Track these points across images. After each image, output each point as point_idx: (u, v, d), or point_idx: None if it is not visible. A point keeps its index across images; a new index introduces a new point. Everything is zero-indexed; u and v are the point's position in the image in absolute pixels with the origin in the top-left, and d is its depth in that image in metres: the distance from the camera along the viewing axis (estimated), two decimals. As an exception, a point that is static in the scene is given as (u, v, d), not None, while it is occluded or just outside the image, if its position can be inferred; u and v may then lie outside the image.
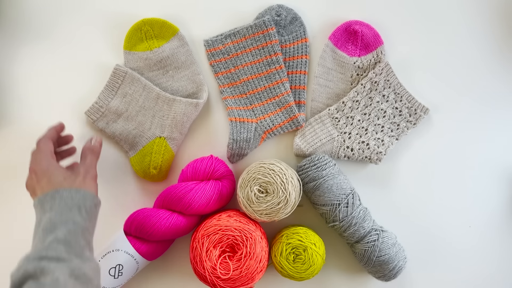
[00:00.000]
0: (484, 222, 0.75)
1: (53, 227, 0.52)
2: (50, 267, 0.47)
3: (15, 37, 0.74)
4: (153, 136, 0.71)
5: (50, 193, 0.54)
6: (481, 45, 0.75)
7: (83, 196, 0.56)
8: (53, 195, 0.54)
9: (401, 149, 0.74)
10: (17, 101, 0.74)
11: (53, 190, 0.55)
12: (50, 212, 0.53)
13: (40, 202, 0.55)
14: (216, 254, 0.63)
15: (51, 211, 0.53)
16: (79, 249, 0.52)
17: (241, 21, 0.74)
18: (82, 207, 0.55)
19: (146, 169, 0.70)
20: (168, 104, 0.70)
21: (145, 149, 0.71)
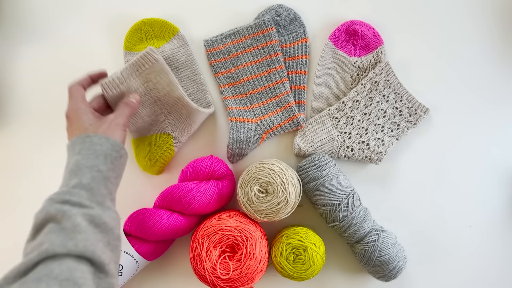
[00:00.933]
0: (485, 222, 0.74)
1: (78, 170, 0.52)
2: (72, 212, 0.47)
3: (15, 37, 0.74)
4: (163, 131, 0.71)
5: (81, 136, 0.55)
6: (482, 45, 0.75)
7: (112, 145, 0.55)
8: (84, 139, 0.54)
9: (401, 149, 0.74)
10: (17, 101, 0.74)
11: (85, 135, 0.55)
12: (78, 155, 0.53)
13: (71, 144, 0.55)
14: (216, 254, 0.63)
15: (78, 154, 0.53)
16: (100, 197, 0.52)
17: (241, 21, 0.74)
18: (108, 156, 0.55)
19: (142, 157, 0.71)
20: (187, 110, 0.69)
21: (149, 138, 0.71)
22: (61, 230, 0.46)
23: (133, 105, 0.63)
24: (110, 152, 0.55)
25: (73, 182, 0.51)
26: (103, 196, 0.52)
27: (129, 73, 0.65)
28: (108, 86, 0.65)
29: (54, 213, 0.47)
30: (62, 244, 0.44)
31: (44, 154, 0.73)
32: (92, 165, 0.53)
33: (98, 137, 0.55)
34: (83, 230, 0.46)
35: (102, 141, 0.55)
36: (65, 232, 0.45)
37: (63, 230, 0.46)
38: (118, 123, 0.59)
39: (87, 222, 0.48)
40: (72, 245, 0.44)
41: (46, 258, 0.43)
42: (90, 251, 0.45)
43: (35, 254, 0.43)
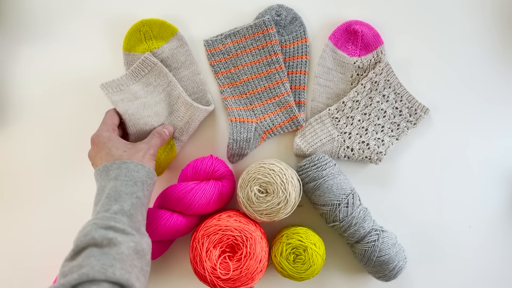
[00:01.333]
0: (484, 222, 0.74)
1: (118, 196, 0.53)
2: (118, 240, 0.49)
3: (15, 37, 0.74)
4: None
5: (117, 162, 0.56)
6: (481, 45, 0.75)
7: (147, 172, 0.57)
8: (120, 165, 0.56)
9: (401, 149, 0.74)
10: (17, 101, 0.74)
11: (121, 161, 0.56)
12: (115, 181, 0.54)
13: (105, 169, 0.56)
14: (216, 254, 0.63)
15: (116, 180, 0.55)
16: (138, 223, 0.54)
17: (241, 21, 0.74)
18: (145, 183, 0.57)
19: None
20: (185, 107, 0.70)
21: None
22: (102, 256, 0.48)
23: (165, 136, 0.66)
24: (146, 179, 0.57)
25: (115, 208, 0.52)
26: (139, 222, 0.54)
27: (129, 79, 0.69)
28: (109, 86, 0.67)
29: (99, 239, 0.49)
30: (102, 271, 0.46)
31: (44, 154, 0.73)
32: (132, 192, 0.54)
33: (135, 164, 0.57)
34: (124, 259, 0.49)
35: (139, 168, 0.57)
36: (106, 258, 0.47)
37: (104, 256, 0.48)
38: (151, 153, 0.61)
39: (131, 250, 0.50)
40: (111, 272, 0.46)
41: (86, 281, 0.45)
42: (125, 279, 0.47)
43: (75, 276, 0.45)
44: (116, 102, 0.68)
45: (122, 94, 0.69)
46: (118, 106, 0.68)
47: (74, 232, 0.73)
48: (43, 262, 0.72)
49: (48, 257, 0.72)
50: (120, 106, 0.68)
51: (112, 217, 0.51)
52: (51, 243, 0.72)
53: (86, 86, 0.74)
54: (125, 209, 0.53)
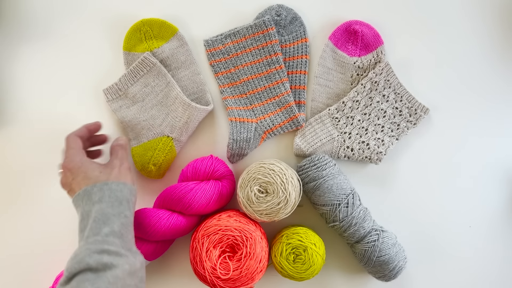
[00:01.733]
0: (484, 222, 0.74)
1: (106, 218, 0.52)
2: (113, 263, 0.49)
3: (15, 37, 0.74)
4: (161, 134, 0.71)
5: (97, 185, 0.55)
6: (481, 45, 0.75)
7: (130, 190, 0.57)
8: (101, 187, 0.55)
9: (401, 149, 0.74)
10: (17, 101, 0.74)
11: (102, 183, 0.55)
12: (100, 204, 0.53)
13: (86, 193, 0.55)
14: (216, 254, 0.63)
15: (100, 202, 0.53)
16: (129, 243, 0.53)
17: (241, 21, 0.74)
18: (130, 200, 0.56)
19: (145, 164, 0.70)
20: (183, 107, 0.70)
21: (149, 143, 0.71)
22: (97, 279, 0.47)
23: (126, 146, 0.64)
24: (130, 197, 0.56)
25: (105, 230, 0.52)
26: (130, 241, 0.54)
27: (127, 80, 0.70)
28: (109, 91, 0.71)
29: (94, 264, 0.48)
30: None
31: (43, 154, 0.73)
32: (119, 212, 0.54)
33: (116, 183, 0.56)
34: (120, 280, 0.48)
35: (121, 187, 0.56)
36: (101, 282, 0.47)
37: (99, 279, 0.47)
38: (125, 167, 0.60)
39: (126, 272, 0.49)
40: None
41: None
42: None
43: None
44: (115, 110, 0.72)
45: (121, 101, 0.72)
46: (117, 113, 0.72)
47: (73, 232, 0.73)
48: (43, 262, 0.72)
49: (48, 257, 0.72)
50: (119, 113, 0.72)
51: (104, 240, 0.51)
52: (51, 243, 0.72)
53: (86, 86, 0.74)
54: (116, 230, 0.52)
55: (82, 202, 0.55)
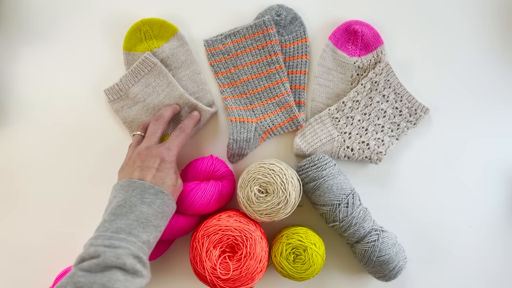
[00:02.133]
0: (484, 222, 0.74)
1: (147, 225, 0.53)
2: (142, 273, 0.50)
3: (15, 37, 0.74)
4: (164, 134, 0.71)
5: (157, 188, 0.55)
6: (481, 44, 0.75)
7: (173, 209, 0.59)
8: (158, 193, 0.55)
9: (401, 149, 0.74)
10: (17, 101, 0.74)
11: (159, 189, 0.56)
12: (149, 208, 0.54)
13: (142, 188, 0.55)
14: (216, 254, 0.63)
15: (149, 207, 0.54)
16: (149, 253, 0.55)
17: (241, 21, 0.74)
18: (168, 218, 0.58)
19: None
20: (189, 107, 0.70)
21: None
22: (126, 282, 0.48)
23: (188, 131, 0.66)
24: (170, 215, 0.58)
25: (144, 237, 0.53)
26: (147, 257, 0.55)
27: (128, 80, 0.70)
28: (110, 92, 0.71)
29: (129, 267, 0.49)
30: None
31: (44, 154, 0.73)
32: (159, 225, 0.55)
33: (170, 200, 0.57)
34: None
35: (170, 204, 0.57)
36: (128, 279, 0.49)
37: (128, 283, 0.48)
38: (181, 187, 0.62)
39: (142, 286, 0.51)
40: None
41: None
42: None
43: None
44: (117, 111, 0.72)
45: (122, 101, 0.72)
46: (119, 114, 0.72)
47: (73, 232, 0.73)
48: (43, 262, 0.72)
49: (47, 257, 0.72)
50: (121, 114, 0.72)
51: (141, 247, 0.52)
52: (51, 243, 0.72)
53: (86, 86, 0.74)
54: (151, 241, 0.53)
55: (132, 191, 0.55)
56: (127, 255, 0.49)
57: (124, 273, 0.48)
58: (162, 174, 0.58)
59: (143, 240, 0.52)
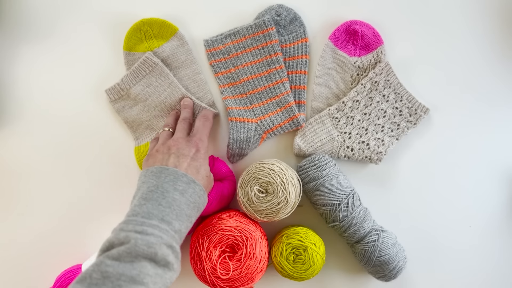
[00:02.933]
0: (484, 222, 0.74)
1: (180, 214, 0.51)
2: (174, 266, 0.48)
3: (15, 37, 0.74)
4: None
5: (189, 178, 0.54)
6: (481, 45, 0.75)
7: (205, 202, 0.57)
8: (190, 183, 0.54)
9: (401, 149, 0.74)
10: (17, 101, 0.74)
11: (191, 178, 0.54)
12: (181, 197, 0.52)
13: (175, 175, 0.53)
14: (216, 254, 0.63)
15: (182, 195, 0.52)
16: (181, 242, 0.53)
17: (241, 21, 0.74)
18: (200, 210, 0.56)
19: None
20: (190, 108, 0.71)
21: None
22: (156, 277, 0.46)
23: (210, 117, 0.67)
24: (202, 207, 0.56)
25: (176, 226, 0.51)
26: None
27: (129, 80, 0.70)
28: (111, 91, 0.71)
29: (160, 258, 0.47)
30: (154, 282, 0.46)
31: (44, 155, 0.73)
32: (190, 215, 0.53)
33: (202, 191, 0.55)
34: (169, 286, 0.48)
35: (202, 195, 0.56)
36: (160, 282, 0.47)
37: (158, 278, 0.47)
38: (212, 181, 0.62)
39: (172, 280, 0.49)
40: None
41: None
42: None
43: None
44: (118, 111, 0.72)
45: (124, 101, 0.72)
46: (120, 114, 0.71)
47: (73, 231, 0.73)
48: (42, 262, 0.72)
49: (47, 257, 0.72)
50: (122, 114, 0.72)
51: (173, 236, 0.50)
52: (51, 243, 0.72)
53: (87, 86, 0.74)
54: (182, 231, 0.52)
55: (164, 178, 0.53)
56: (159, 244, 0.47)
57: (154, 266, 0.46)
58: (197, 164, 0.57)
59: (175, 228, 0.50)
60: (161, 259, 0.47)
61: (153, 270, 0.46)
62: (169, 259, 0.47)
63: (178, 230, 0.51)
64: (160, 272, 0.47)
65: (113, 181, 0.73)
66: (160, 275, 0.47)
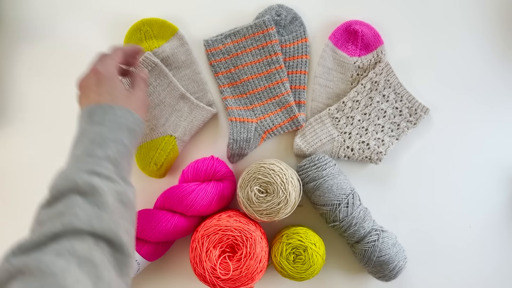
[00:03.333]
0: (484, 222, 0.74)
1: (103, 142, 0.49)
2: (102, 188, 0.44)
3: (15, 37, 0.74)
4: (164, 133, 0.71)
5: (103, 106, 0.51)
6: (481, 45, 0.75)
7: (136, 120, 0.53)
8: (106, 109, 0.51)
9: (401, 149, 0.74)
10: (17, 101, 0.74)
11: (107, 105, 0.51)
12: (100, 126, 0.50)
13: (89, 112, 0.51)
14: (216, 254, 0.63)
15: (100, 125, 0.50)
16: (124, 172, 0.50)
17: (241, 21, 0.74)
18: (132, 131, 0.52)
19: (147, 163, 0.70)
20: (190, 107, 0.71)
21: (152, 143, 0.71)
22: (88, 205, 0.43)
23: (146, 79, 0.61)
24: (134, 127, 0.53)
25: (99, 153, 0.48)
26: (125, 171, 0.50)
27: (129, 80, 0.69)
28: None
29: (82, 185, 0.44)
30: (88, 222, 0.42)
31: (44, 154, 0.73)
32: (117, 139, 0.50)
33: (123, 111, 0.52)
34: (111, 209, 0.44)
35: (127, 115, 0.52)
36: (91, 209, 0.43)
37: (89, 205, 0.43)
38: (146, 105, 0.58)
39: (115, 200, 0.45)
40: (98, 224, 0.42)
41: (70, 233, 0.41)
42: (114, 232, 0.43)
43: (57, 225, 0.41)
44: None
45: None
46: None
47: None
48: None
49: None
50: None
51: (96, 162, 0.47)
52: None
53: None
54: (111, 155, 0.48)
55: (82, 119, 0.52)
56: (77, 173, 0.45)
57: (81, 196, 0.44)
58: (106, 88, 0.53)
59: (99, 156, 0.47)
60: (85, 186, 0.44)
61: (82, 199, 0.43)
62: (94, 183, 0.44)
63: (105, 156, 0.48)
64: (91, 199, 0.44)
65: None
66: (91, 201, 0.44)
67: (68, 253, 0.39)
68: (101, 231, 0.42)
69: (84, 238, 0.41)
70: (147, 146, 0.71)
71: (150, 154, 0.70)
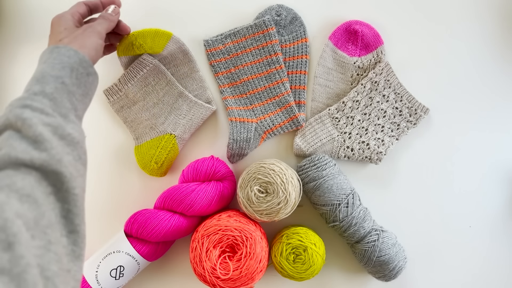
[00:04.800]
0: (485, 222, 0.74)
1: (41, 78, 0.48)
2: (33, 120, 0.42)
3: (15, 37, 0.74)
4: (164, 132, 0.71)
5: (50, 47, 0.52)
6: (482, 45, 0.75)
7: (80, 59, 0.51)
8: (52, 49, 0.51)
9: (401, 149, 0.74)
10: (17, 101, 0.73)
11: (54, 46, 0.52)
12: (43, 64, 0.50)
13: (41, 55, 0.53)
14: (216, 254, 0.63)
15: (44, 63, 0.50)
16: (64, 109, 0.47)
17: (241, 21, 0.74)
18: (75, 70, 0.50)
19: (147, 162, 0.70)
20: (188, 105, 0.70)
21: (152, 142, 0.71)
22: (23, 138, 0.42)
23: (112, 18, 0.60)
24: (77, 67, 0.51)
25: (35, 88, 0.46)
26: (67, 109, 0.48)
27: (126, 80, 0.70)
28: (109, 92, 0.71)
29: (13, 120, 0.42)
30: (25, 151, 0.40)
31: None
32: (57, 76, 0.48)
33: (67, 49, 0.51)
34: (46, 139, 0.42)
35: (71, 54, 0.51)
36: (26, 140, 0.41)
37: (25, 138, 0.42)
38: (94, 29, 0.56)
39: (50, 132, 0.43)
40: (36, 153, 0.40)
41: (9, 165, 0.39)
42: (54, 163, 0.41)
43: None
44: (117, 111, 0.72)
45: (122, 101, 0.72)
46: (119, 114, 0.72)
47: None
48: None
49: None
50: (121, 114, 0.72)
51: (30, 97, 0.45)
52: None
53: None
54: (47, 91, 0.46)
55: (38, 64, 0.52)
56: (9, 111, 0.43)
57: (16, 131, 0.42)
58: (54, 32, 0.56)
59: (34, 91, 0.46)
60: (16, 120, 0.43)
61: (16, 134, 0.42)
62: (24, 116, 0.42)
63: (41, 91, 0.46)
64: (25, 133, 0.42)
65: (113, 181, 0.73)
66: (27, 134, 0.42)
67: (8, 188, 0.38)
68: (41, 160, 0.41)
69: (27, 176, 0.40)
70: (147, 145, 0.71)
71: (151, 153, 0.70)
